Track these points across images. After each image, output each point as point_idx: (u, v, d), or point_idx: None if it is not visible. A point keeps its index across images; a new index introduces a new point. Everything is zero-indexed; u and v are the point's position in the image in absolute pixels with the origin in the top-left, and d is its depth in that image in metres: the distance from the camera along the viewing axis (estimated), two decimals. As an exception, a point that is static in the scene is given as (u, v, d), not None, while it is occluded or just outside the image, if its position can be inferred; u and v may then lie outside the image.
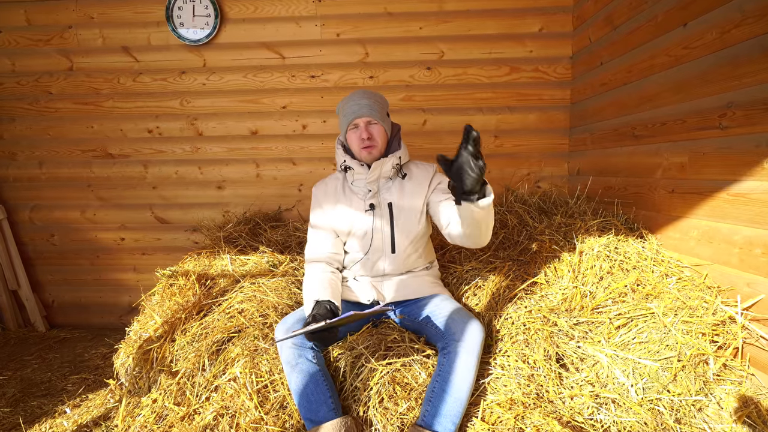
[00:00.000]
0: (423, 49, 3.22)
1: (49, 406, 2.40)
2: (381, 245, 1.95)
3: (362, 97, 1.92)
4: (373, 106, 1.91)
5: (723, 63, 1.79)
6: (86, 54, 3.30)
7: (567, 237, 2.34)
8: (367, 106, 1.90)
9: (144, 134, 3.39)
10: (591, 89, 2.89)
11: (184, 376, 1.90)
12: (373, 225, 1.94)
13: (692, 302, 1.76)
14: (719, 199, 1.83)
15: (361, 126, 1.91)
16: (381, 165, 1.93)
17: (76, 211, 3.51)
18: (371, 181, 1.95)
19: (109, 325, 3.63)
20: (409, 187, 1.97)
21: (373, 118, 1.90)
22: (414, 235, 1.97)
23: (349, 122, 1.91)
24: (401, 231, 1.94)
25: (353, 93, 1.96)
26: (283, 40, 3.25)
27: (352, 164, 1.96)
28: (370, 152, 1.92)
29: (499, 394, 1.62)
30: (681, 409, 1.50)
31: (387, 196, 1.96)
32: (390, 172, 1.96)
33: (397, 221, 1.94)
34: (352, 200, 1.98)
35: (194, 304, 2.24)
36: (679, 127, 2.06)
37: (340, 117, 1.99)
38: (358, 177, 1.97)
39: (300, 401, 1.61)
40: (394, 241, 1.94)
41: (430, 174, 2.01)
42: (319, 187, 2.08)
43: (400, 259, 1.97)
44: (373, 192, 1.96)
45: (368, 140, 1.90)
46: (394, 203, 1.95)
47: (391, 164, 1.95)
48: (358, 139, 1.92)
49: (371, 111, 1.90)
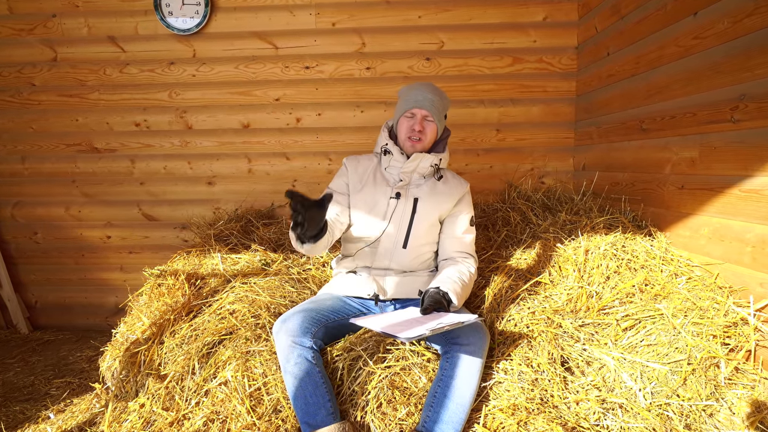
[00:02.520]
0: (422, 38, 3.20)
1: (32, 411, 2.38)
2: (394, 236, 1.98)
3: (430, 90, 1.97)
4: (436, 104, 1.96)
5: (735, 53, 1.78)
6: (71, 44, 3.28)
7: (572, 235, 2.34)
8: (430, 102, 1.94)
9: (131, 128, 3.37)
10: (597, 81, 2.88)
11: (173, 380, 1.88)
12: (394, 212, 1.98)
13: (703, 303, 1.75)
14: (731, 196, 1.82)
15: (417, 117, 1.96)
16: (421, 158, 1.98)
17: (61, 208, 3.49)
18: (406, 171, 2.00)
19: (95, 327, 3.61)
20: (440, 190, 2.03)
21: (431, 115, 1.96)
22: (429, 236, 2.03)
23: (408, 109, 1.96)
24: (418, 228, 1.99)
25: (423, 84, 2.00)
26: (276, 29, 3.23)
27: (393, 150, 2.01)
28: (414, 145, 1.98)
29: (502, 399, 1.61)
30: (691, 415, 1.49)
31: (416, 191, 2.01)
32: (427, 169, 2.01)
33: (417, 218, 1.98)
34: (380, 185, 2.03)
35: (183, 305, 2.22)
36: (689, 121, 2.05)
37: (399, 100, 2.04)
38: (395, 164, 2.02)
39: (297, 404, 1.59)
40: (409, 235, 1.98)
41: (461, 192, 2.07)
42: (351, 161, 2.12)
43: (407, 258, 1.99)
44: (404, 183, 2.00)
45: (419, 133, 1.96)
46: (421, 200, 2.00)
47: (430, 162, 2.00)
48: (408, 128, 1.97)
49: (432, 107, 1.94)
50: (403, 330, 1.46)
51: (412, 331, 1.42)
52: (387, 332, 1.44)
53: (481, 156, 3.33)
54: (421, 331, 1.41)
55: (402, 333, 1.41)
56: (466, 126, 3.28)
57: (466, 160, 3.33)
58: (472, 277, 1.95)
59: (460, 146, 3.30)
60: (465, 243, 2.05)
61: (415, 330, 1.43)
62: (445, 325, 1.46)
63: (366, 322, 1.60)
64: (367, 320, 1.62)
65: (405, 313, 1.73)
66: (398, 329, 1.47)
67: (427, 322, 1.54)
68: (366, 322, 1.59)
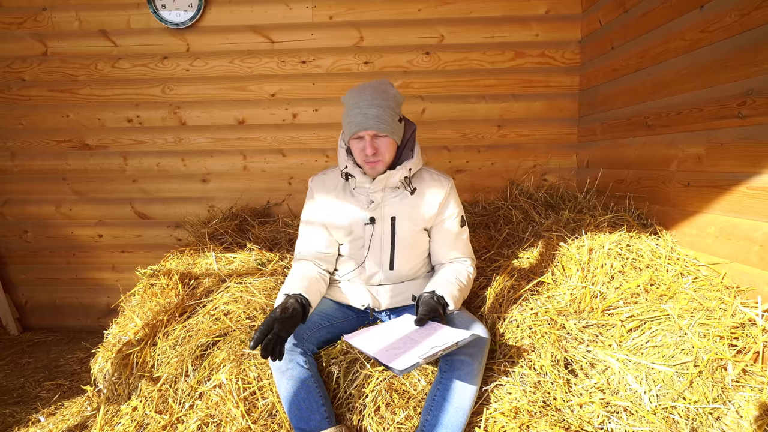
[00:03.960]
0: (421, 32, 3.19)
1: (22, 414, 2.38)
2: (379, 260, 1.90)
3: (370, 105, 1.72)
4: (382, 117, 1.72)
5: (742, 47, 1.77)
6: (62, 38, 3.26)
7: (575, 233, 2.33)
8: (374, 118, 1.71)
9: (123, 124, 3.35)
10: (601, 75, 2.87)
11: (166, 383, 1.88)
12: (371, 241, 1.88)
13: (709, 303, 1.74)
14: (738, 193, 1.81)
15: (366, 139, 1.74)
16: (386, 178, 1.80)
17: (51, 206, 3.48)
18: (375, 191, 1.83)
19: (86, 328, 3.60)
20: (417, 202, 1.88)
21: (380, 131, 1.73)
22: (416, 252, 1.94)
23: (353, 134, 1.76)
24: (402, 248, 1.89)
25: (361, 94, 1.75)
26: (272, 23, 3.22)
27: (355, 173, 1.83)
28: (374, 167, 1.78)
29: (503, 402, 1.60)
30: (697, 418, 1.49)
31: (392, 209, 1.86)
32: (397, 183, 1.85)
33: (399, 238, 1.88)
34: (351, 209, 1.88)
35: (177, 306, 2.22)
36: (696, 116, 2.04)
37: (343, 118, 1.81)
38: (360, 187, 1.86)
39: (290, 409, 1.59)
40: (394, 258, 1.89)
41: (442, 194, 1.90)
42: (317, 181, 1.96)
43: (398, 274, 1.93)
44: (375, 203, 1.85)
45: (373, 156, 1.75)
46: (398, 218, 1.87)
47: (398, 177, 1.82)
48: (361, 152, 1.77)
49: (378, 123, 1.71)
50: (397, 355, 1.44)
51: (405, 360, 1.40)
52: (380, 360, 1.42)
53: (482, 153, 3.32)
54: (415, 360, 1.38)
55: (396, 362, 1.39)
56: (467, 122, 3.27)
57: (467, 157, 3.32)
58: (470, 277, 1.90)
59: (460, 143, 3.30)
60: (459, 247, 1.96)
61: (409, 359, 1.40)
62: (439, 350, 1.43)
63: (359, 342, 1.57)
64: (360, 340, 1.59)
65: (399, 325, 1.68)
66: (393, 354, 1.44)
67: (421, 341, 1.51)
68: (359, 343, 1.56)
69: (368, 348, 1.51)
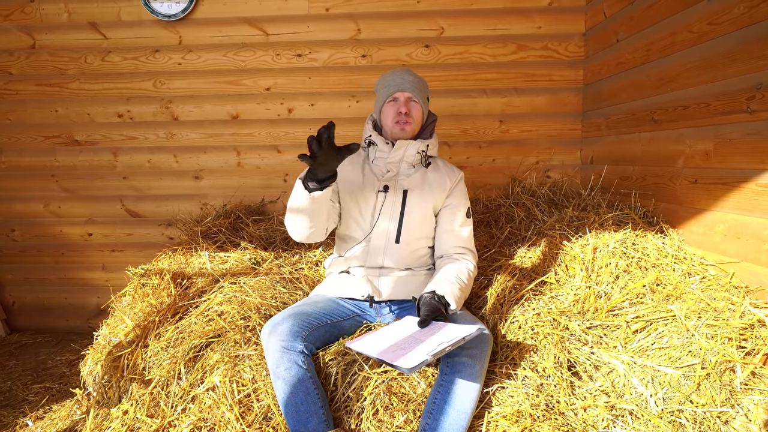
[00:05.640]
0: (421, 25, 3.18)
1: (9, 418, 2.37)
2: (386, 232, 1.97)
3: (407, 72, 2.00)
4: (417, 85, 1.98)
5: (751, 40, 1.77)
6: (50, 30, 3.24)
7: (579, 232, 2.33)
8: (411, 83, 1.96)
9: (113, 119, 3.34)
10: (606, 69, 2.87)
11: (158, 386, 1.88)
12: (383, 207, 1.97)
13: (717, 304, 1.74)
14: (747, 190, 1.81)
15: (401, 100, 1.96)
16: (406, 146, 1.98)
17: (39, 204, 3.46)
18: (392, 161, 2.00)
19: (76, 329, 3.59)
20: (430, 179, 2.03)
21: (415, 96, 1.96)
22: (421, 233, 2.02)
23: (390, 94, 1.97)
24: (410, 222, 1.98)
25: (396, 71, 2.02)
26: (266, 15, 3.20)
27: (377, 140, 2.01)
28: (403, 129, 1.96)
29: (505, 405, 1.60)
30: (705, 422, 1.49)
31: (405, 182, 2.01)
32: (414, 157, 2.01)
33: (408, 210, 1.97)
34: (368, 180, 2.02)
35: (169, 306, 2.21)
36: (703, 111, 2.04)
37: (379, 90, 2.05)
38: (380, 155, 2.03)
39: (287, 411, 1.59)
40: (401, 230, 1.97)
41: (453, 180, 2.06)
42: None
43: (402, 253, 1.98)
44: (392, 173, 2.01)
45: (405, 115, 1.95)
46: (410, 192, 1.99)
47: (416, 148, 1.99)
48: (394, 113, 1.96)
49: (414, 88, 1.96)
50: (402, 354, 1.44)
51: (413, 358, 1.40)
52: (386, 360, 1.42)
53: (484, 149, 3.31)
54: (423, 357, 1.39)
55: (403, 361, 1.39)
56: (468, 117, 3.27)
57: (468, 153, 3.31)
58: (471, 275, 1.93)
59: (461, 138, 3.29)
60: (462, 237, 2.03)
61: (417, 356, 1.41)
62: (447, 346, 1.44)
63: (361, 346, 1.56)
64: (363, 344, 1.59)
65: (401, 326, 1.68)
66: (398, 354, 1.45)
67: (426, 339, 1.52)
68: (361, 347, 1.55)
69: (372, 351, 1.50)
